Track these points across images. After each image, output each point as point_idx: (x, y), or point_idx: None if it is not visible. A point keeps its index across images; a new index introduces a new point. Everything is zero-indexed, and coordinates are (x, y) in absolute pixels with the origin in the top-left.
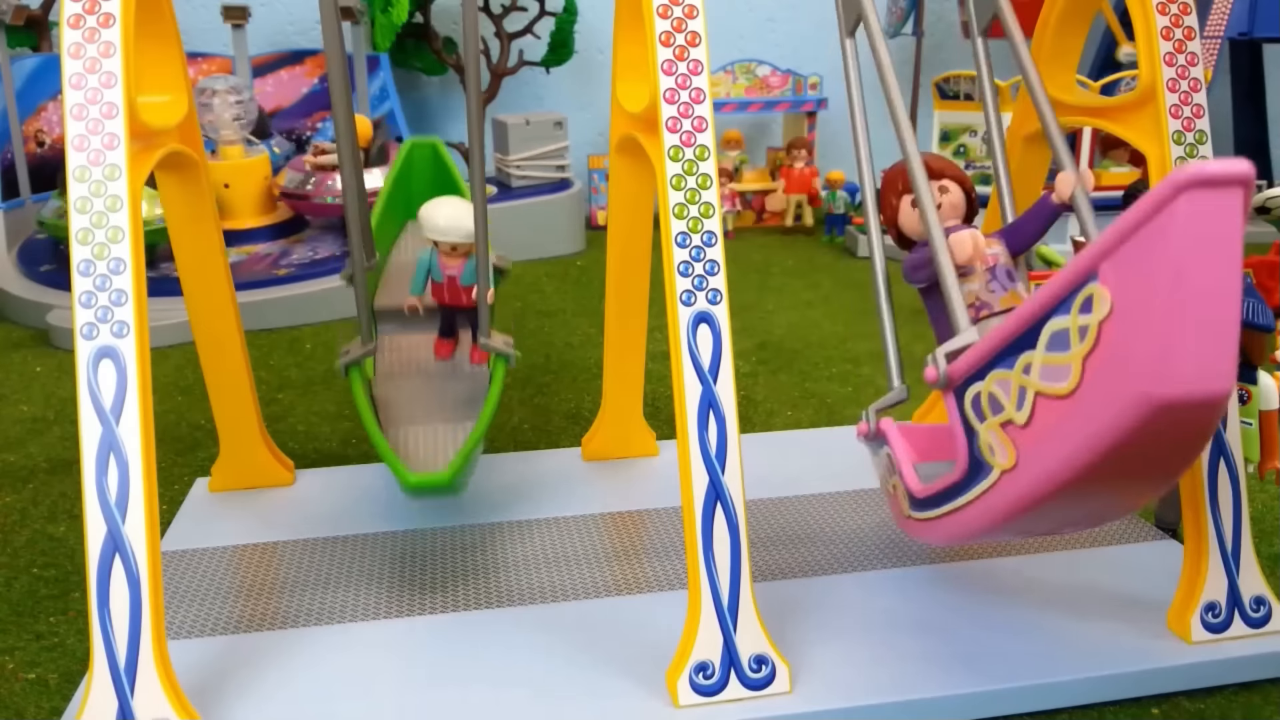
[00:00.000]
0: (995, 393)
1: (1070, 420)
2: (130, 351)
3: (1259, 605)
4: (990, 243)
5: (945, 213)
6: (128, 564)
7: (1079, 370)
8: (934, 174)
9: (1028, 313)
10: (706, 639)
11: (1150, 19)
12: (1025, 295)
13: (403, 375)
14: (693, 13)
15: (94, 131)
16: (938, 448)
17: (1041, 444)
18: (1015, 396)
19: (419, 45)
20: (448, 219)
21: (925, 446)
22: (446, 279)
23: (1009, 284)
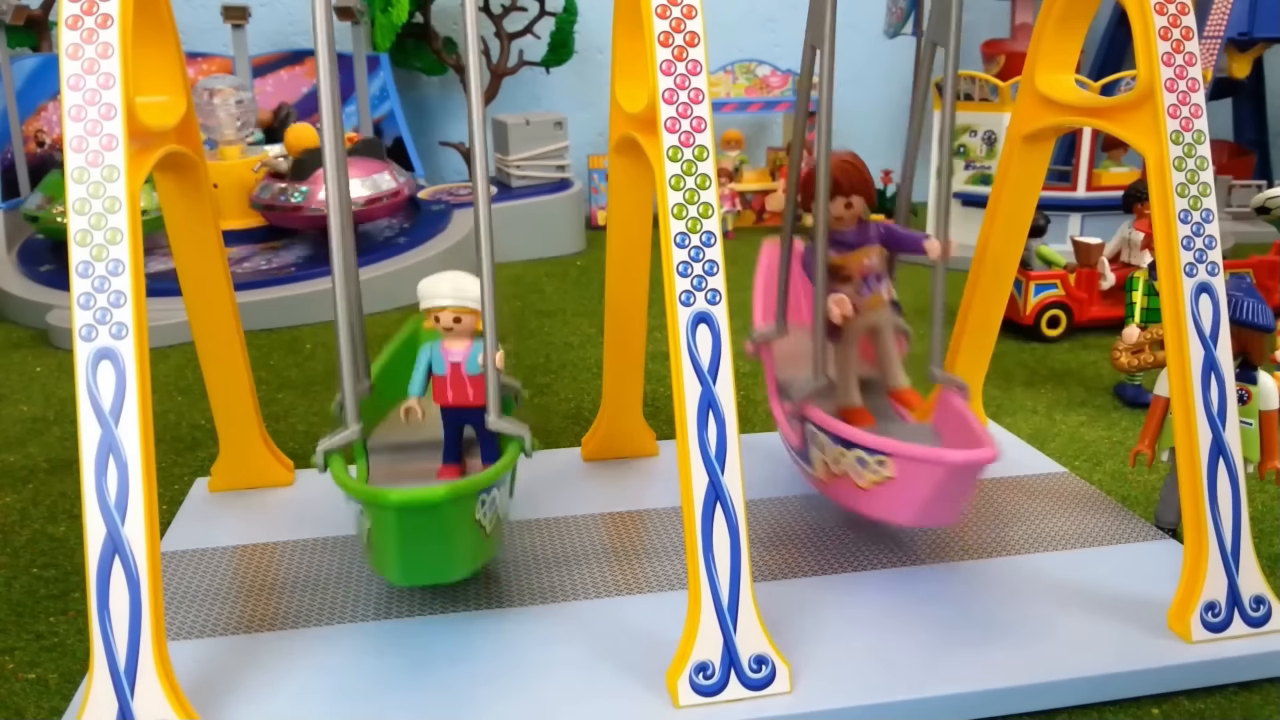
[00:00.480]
0: (824, 445)
1: (857, 495)
2: (129, 353)
3: (1259, 605)
4: (869, 251)
5: (847, 220)
6: (127, 565)
7: (872, 482)
8: (842, 190)
9: (854, 435)
10: (706, 639)
11: (1148, 19)
12: (885, 294)
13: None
14: (691, 13)
15: (92, 133)
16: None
17: (841, 490)
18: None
19: (419, 45)
20: (450, 283)
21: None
22: (450, 368)
23: (876, 286)
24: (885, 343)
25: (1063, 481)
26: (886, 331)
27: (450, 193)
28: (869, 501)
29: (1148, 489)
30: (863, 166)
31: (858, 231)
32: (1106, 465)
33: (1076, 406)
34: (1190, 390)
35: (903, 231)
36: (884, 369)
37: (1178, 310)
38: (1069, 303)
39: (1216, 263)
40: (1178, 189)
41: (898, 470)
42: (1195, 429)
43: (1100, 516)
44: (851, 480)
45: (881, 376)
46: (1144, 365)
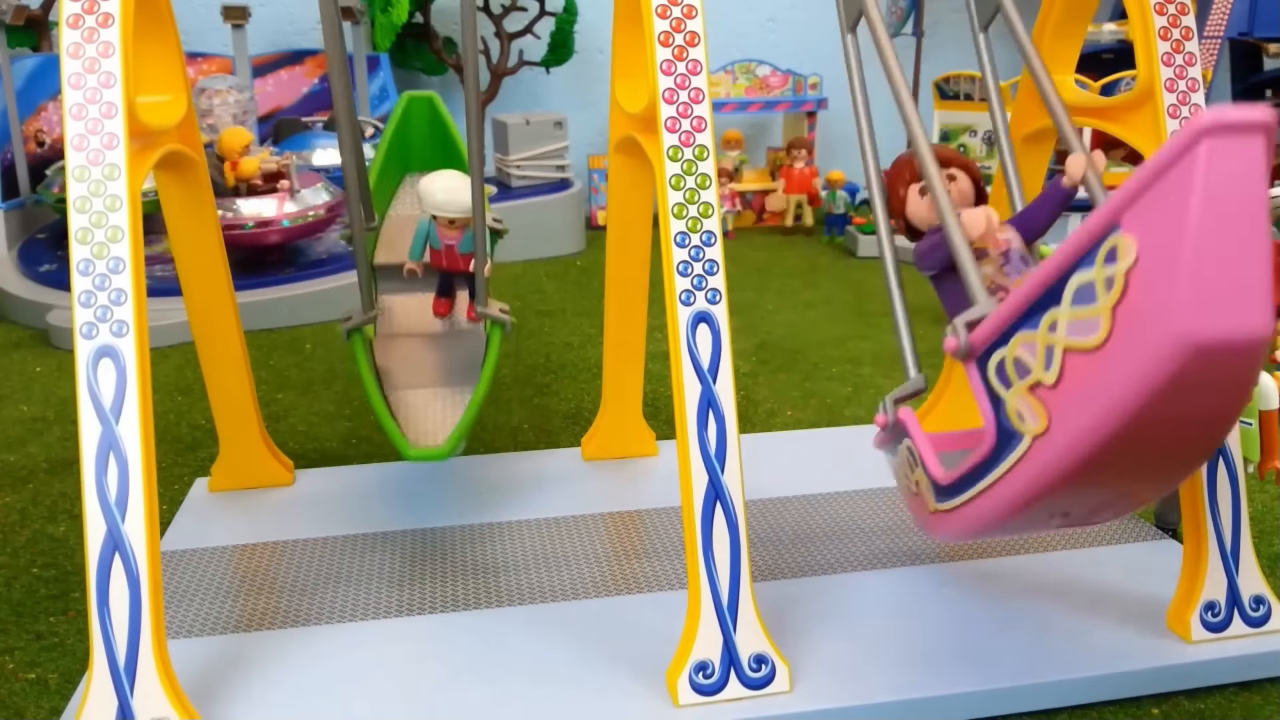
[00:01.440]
0: (1021, 356)
1: (1104, 373)
2: (130, 351)
3: (1258, 604)
4: (1003, 228)
5: (954, 200)
6: (128, 564)
7: (1109, 321)
8: (942, 163)
9: (1050, 270)
10: (706, 638)
11: (1148, 19)
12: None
13: (402, 337)
14: (691, 13)
15: (93, 131)
16: (959, 445)
17: (1075, 402)
18: (1043, 357)
19: (419, 45)
20: (446, 194)
21: (946, 445)
22: (445, 247)
23: (1024, 268)
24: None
25: None
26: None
27: None
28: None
29: None
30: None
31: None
32: None
33: None
34: None
35: (1028, 205)
36: None
37: None
38: None
39: None
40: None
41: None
42: None
43: None
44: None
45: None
46: None
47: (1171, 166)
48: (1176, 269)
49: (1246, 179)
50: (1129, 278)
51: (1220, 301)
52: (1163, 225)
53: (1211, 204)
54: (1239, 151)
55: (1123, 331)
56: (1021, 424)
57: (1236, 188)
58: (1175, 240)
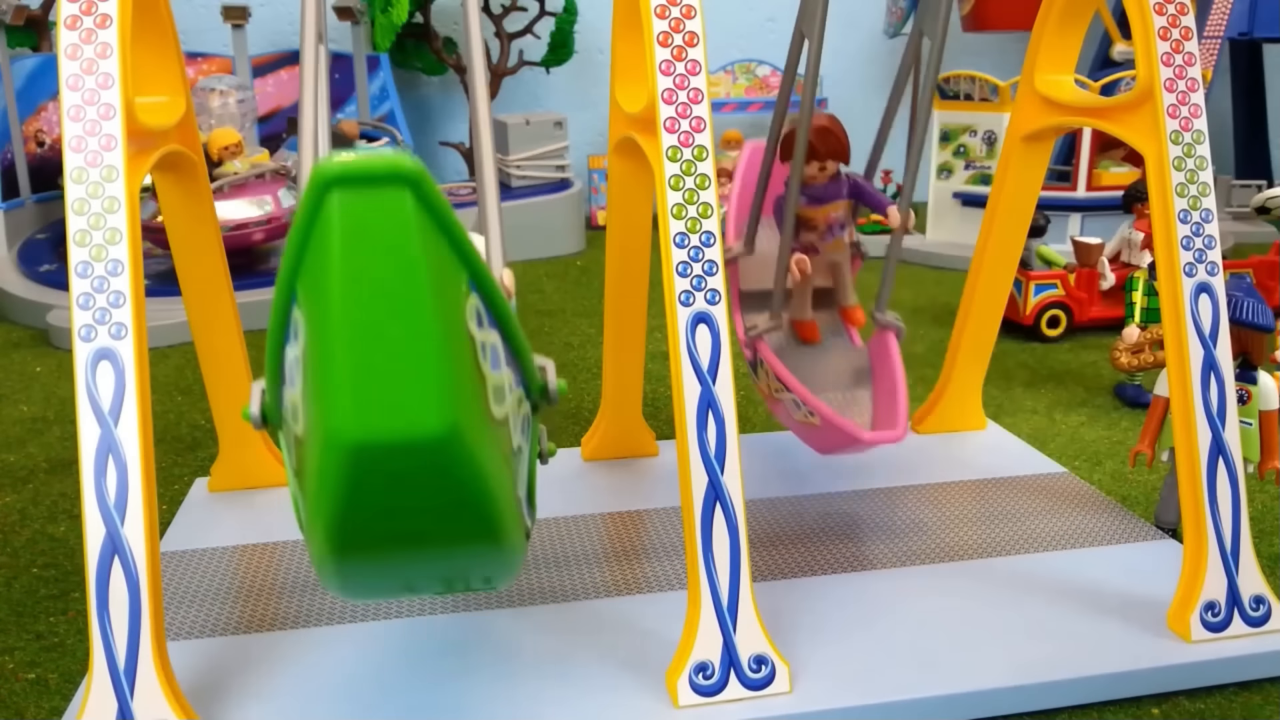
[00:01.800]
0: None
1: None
2: (129, 353)
3: (1258, 604)
4: (836, 206)
5: (820, 180)
6: (127, 565)
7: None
8: (817, 155)
9: (791, 383)
10: (706, 639)
11: (1147, 19)
12: (845, 240)
13: None
14: (691, 13)
15: (91, 133)
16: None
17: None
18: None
19: (419, 45)
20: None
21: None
22: None
23: (838, 233)
24: (842, 273)
25: (1063, 481)
26: (844, 264)
27: (450, 193)
28: (795, 428)
29: (1148, 489)
30: (841, 131)
31: (828, 185)
32: (1106, 465)
33: (1076, 406)
34: (1190, 390)
35: (871, 190)
36: (838, 290)
37: (1177, 310)
38: (1069, 303)
39: (1216, 263)
40: (1177, 189)
41: (821, 424)
42: (1195, 429)
43: (1100, 516)
44: (786, 409)
45: (835, 295)
46: (1144, 365)
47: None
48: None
49: None
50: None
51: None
52: (832, 434)
53: None
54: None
55: (819, 429)
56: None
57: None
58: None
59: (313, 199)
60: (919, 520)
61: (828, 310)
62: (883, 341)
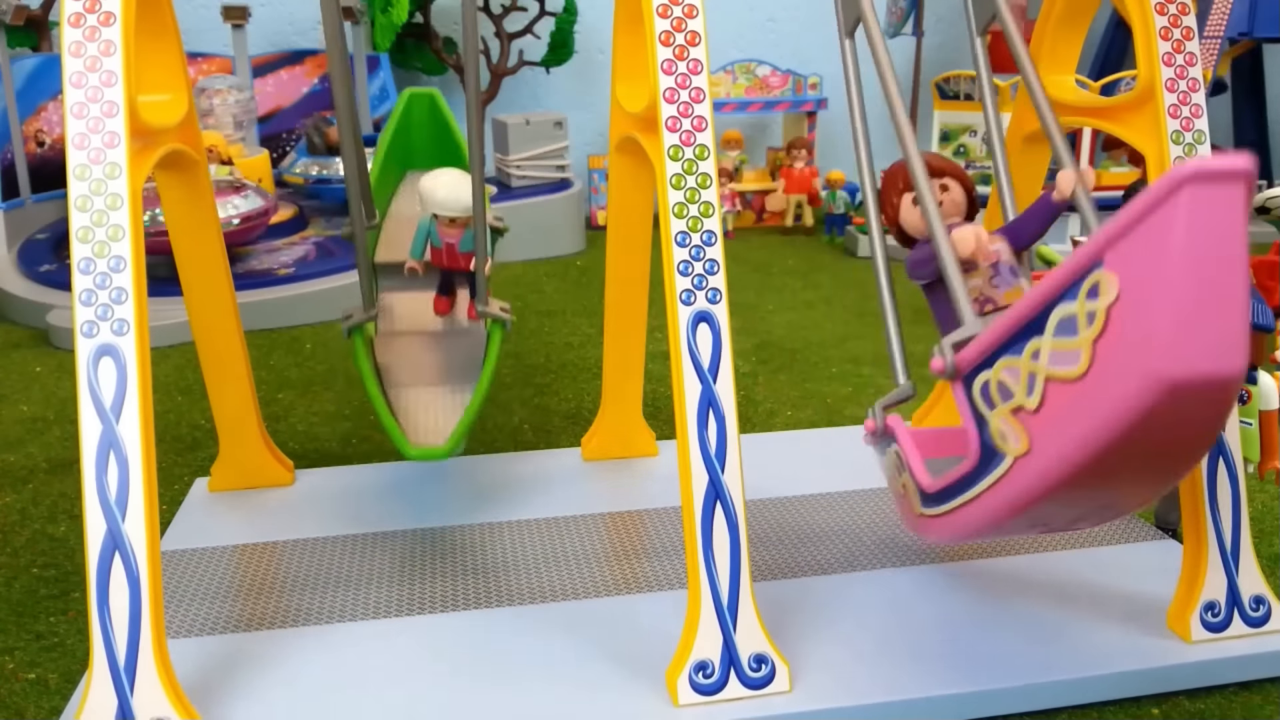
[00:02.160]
0: (1004, 380)
1: (1083, 403)
2: (130, 349)
3: (1258, 604)
4: (993, 239)
5: (946, 210)
6: (128, 564)
7: (1089, 354)
8: (935, 172)
9: (1034, 300)
10: (706, 638)
11: (1148, 19)
12: (1026, 287)
13: (403, 335)
14: (692, 12)
15: (94, 130)
16: (945, 447)
17: (1054, 427)
18: (1025, 382)
19: (419, 45)
20: (447, 192)
21: (933, 447)
22: (445, 246)
23: (1013, 280)
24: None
25: None
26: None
27: None
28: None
29: None
30: (949, 159)
31: (964, 220)
32: None
33: None
34: None
35: (1018, 216)
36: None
37: None
38: None
39: None
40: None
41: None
42: None
43: None
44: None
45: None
46: None
47: (1154, 210)
48: (1155, 309)
49: (1226, 226)
50: (1110, 313)
51: (1196, 342)
52: (1143, 266)
53: (1191, 249)
54: (1219, 199)
55: (1102, 365)
56: (1004, 444)
57: (1216, 234)
58: (1155, 282)
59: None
60: None
61: None
62: None
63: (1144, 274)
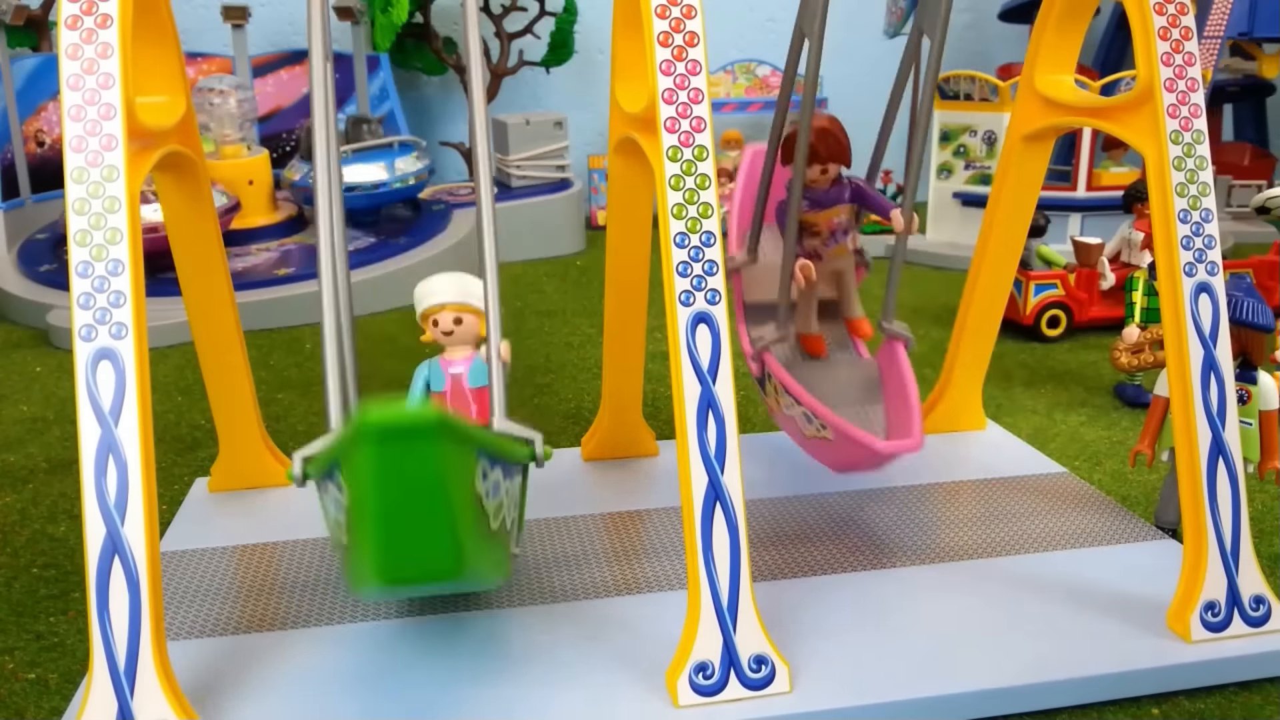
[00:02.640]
0: (779, 392)
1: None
2: (129, 353)
3: (1258, 604)
4: (839, 210)
5: (822, 183)
6: (127, 565)
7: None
8: (819, 158)
9: (802, 395)
10: (706, 639)
11: (1147, 19)
12: (849, 244)
13: None
14: (691, 13)
15: (92, 133)
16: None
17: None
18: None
19: (419, 45)
20: (447, 279)
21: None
22: (450, 382)
23: (841, 239)
24: (847, 282)
25: (1063, 481)
26: (848, 273)
27: (450, 193)
28: (806, 445)
29: (1148, 489)
30: (842, 134)
31: (831, 190)
32: (1106, 465)
33: (1076, 406)
34: (1190, 390)
35: (873, 193)
36: (843, 302)
37: (1177, 310)
38: (1069, 303)
39: (1216, 262)
40: (1177, 189)
41: (834, 438)
42: (1195, 429)
43: (1100, 516)
44: (796, 424)
45: (840, 307)
46: (1144, 365)
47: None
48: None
49: None
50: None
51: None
52: (845, 448)
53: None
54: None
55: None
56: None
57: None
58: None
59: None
60: (919, 520)
61: (833, 324)
62: (891, 352)
63: (845, 447)
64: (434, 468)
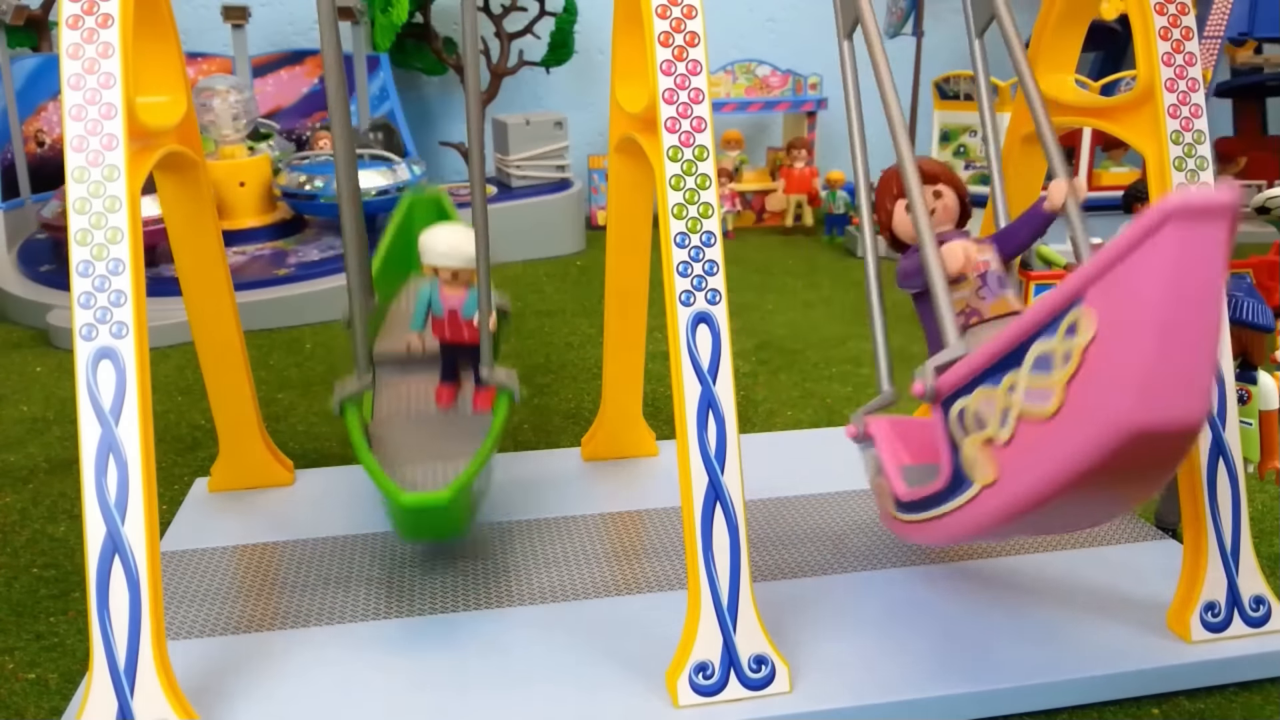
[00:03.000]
0: (980, 410)
1: (1050, 442)
2: (129, 352)
3: (1258, 605)
4: (983, 249)
5: (939, 217)
6: (127, 565)
7: (1061, 394)
8: (929, 178)
9: (1015, 332)
10: (706, 639)
11: (1148, 19)
12: (1015, 301)
13: (402, 419)
14: (691, 13)
15: (93, 132)
16: (924, 452)
17: (1021, 463)
18: (999, 415)
19: (419, 45)
20: (448, 244)
21: (914, 447)
22: (448, 313)
23: (1000, 290)
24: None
25: None
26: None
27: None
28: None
29: None
30: (943, 163)
31: (956, 230)
32: None
33: None
34: None
35: (1010, 223)
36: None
37: None
38: None
39: None
40: (1178, 189)
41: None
42: None
43: None
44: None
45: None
46: None
47: (1136, 248)
48: (1128, 353)
49: (1207, 267)
50: (1085, 354)
51: (1166, 391)
52: (1122, 306)
53: (1172, 292)
54: (1203, 238)
55: (1072, 407)
56: (973, 472)
57: (1197, 275)
58: (1131, 324)
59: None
60: None
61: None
62: None
63: (1121, 314)
64: (449, 515)
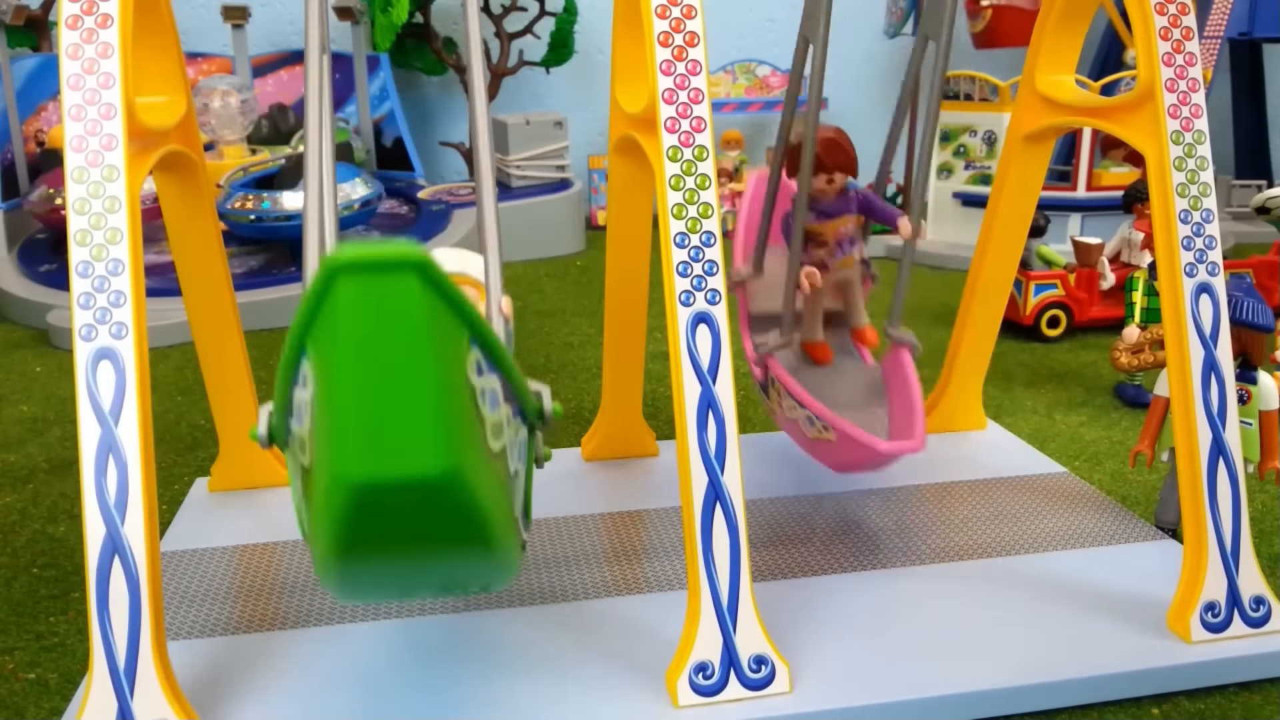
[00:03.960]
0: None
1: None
2: (129, 353)
3: (1258, 605)
4: (845, 220)
5: (829, 194)
6: (127, 565)
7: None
8: (824, 167)
9: (805, 399)
10: (706, 639)
11: (1148, 19)
12: (857, 257)
13: None
14: (691, 13)
15: (92, 133)
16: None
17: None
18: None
19: (419, 45)
20: (450, 254)
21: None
22: None
23: (848, 250)
24: (853, 292)
25: (1063, 481)
26: (854, 284)
27: (450, 193)
28: (809, 447)
29: (1148, 489)
30: (848, 143)
31: (837, 200)
32: (1106, 465)
33: (1076, 406)
34: (1190, 390)
35: (880, 203)
36: (849, 312)
37: (1178, 310)
38: (1069, 303)
39: (1217, 263)
40: (1178, 189)
41: (837, 439)
42: (1195, 429)
43: (1100, 516)
44: (799, 427)
45: (846, 317)
46: (1144, 365)
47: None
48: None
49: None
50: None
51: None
52: (848, 449)
53: None
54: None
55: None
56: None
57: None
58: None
59: (321, 284)
60: (919, 520)
61: (838, 332)
62: (897, 358)
63: (847, 448)
64: (417, 318)
